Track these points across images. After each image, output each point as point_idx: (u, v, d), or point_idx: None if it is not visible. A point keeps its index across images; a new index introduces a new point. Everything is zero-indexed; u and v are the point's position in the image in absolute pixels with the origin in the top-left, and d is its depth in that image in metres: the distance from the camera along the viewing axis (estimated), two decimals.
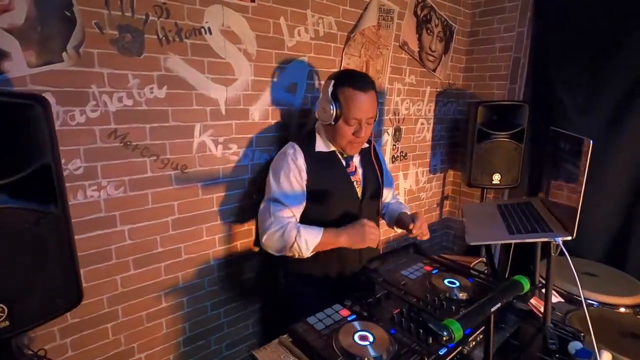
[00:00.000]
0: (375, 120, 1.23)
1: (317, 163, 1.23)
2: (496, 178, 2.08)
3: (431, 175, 2.46)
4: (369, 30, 1.77)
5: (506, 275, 1.69)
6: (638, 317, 1.54)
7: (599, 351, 0.97)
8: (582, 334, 1.15)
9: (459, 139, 2.51)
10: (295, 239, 1.13)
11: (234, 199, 1.47)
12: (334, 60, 1.68)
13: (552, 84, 2.00)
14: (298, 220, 1.21)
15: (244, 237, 1.54)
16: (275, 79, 1.48)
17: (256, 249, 1.59)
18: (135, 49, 1.14)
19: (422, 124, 2.27)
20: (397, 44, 1.95)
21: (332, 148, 1.27)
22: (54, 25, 1.00)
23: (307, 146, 1.25)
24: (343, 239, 1.16)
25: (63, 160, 1.06)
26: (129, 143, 1.18)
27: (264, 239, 1.19)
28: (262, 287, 1.63)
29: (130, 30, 1.12)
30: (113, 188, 1.18)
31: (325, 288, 1.24)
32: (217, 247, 1.47)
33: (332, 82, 1.17)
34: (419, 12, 2.01)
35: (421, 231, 1.25)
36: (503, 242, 1.08)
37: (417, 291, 1.21)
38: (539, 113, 2.04)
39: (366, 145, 1.35)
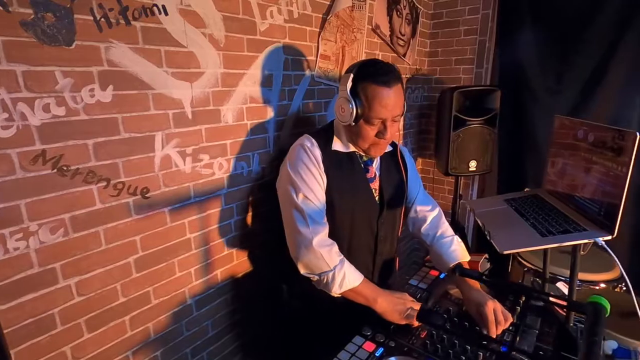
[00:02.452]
0: (402, 117, 1.07)
1: (332, 162, 1.06)
2: (472, 165, 2.05)
3: None
4: (343, 12, 1.57)
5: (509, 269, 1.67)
6: (616, 290, 1.60)
7: (634, 350, 0.93)
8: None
9: (427, 126, 2.44)
10: (334, 269, 0.98)
11: (210, 220, 1.20)
12: (310, 47, 1.45)
13: (520, 67, 1.99)
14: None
15: (225, 263, 1.28)
16: (248, 71, 1.22)
17: (238, 275, 1.34)
18: (62, 36, 0.80)
19: None
20: (370, 27, 1.77)
21: (352, 149, 1.10)
22: None
23: (323, 142, 1.07)
24: (380, 301, 1.00)
25: None
26: (65, 168, 0.85)
27: (300, 252, 1.01)
28: (252, 316, 1.39)
29: (51, 8, 0.78)
30: (47, 232, 0.85)
31: (335, 310, 1.07)
32: (193, 282, 1.19)
33: (351, 75, 0.98)
34: None
35: (500, 329, 0.97)
36: (538, 248, 0.99)
37: (442, 310, 1.08)
38: (507, 96, 2.03)
39: (390, 148, 1.18)
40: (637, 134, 0.81)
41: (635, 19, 1.67)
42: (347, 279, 0.99)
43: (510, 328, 1.03)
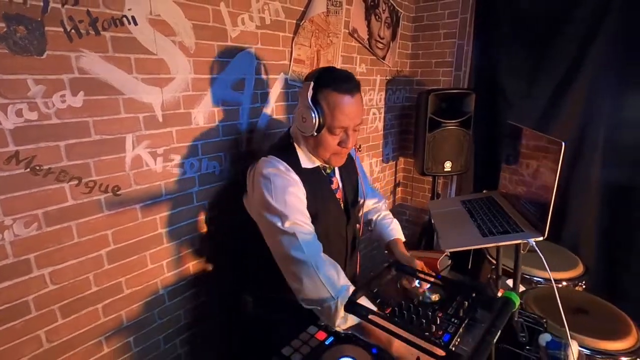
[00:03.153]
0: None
1: (306, 181, 1.04)
2: (447, 165, 2.12)
3: (384, 165, 2.44)
4: (318, 17, 1.63)
5: (469, 266, 1.74)
6: (576, 288, 1.68)
7: (565, 342, 1.00)
8: (544, 320, 1.20)
9: (407, 127, 2.51)
10: (337, 297, 0.90)
11: (181, 217, 1.27)
12: (283, 51, 1.51)
13: (494, 71, 2.05)
14: None
15: (196, 257, 1.36)
16: (219, 76, 1.29)
17: (209, 269, 1.42)
18: (33, 47, 0.87)
19: (374, 113, 2.21)
20: (347, 31, 1.83)
21: (317, 163, 1.10)
22: None
23: (293, 162, 1.05)
24: (397, 343, 0.90)
25: None
26: (38, 167, 0.93)
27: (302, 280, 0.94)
28: (222, 310, 1.48)
29: (23, 22, 0.85)
30: (22, 226, 0.92)
31: (303, 314, 1.08)
32: (165, 273, 1.27)
33: (311, 84, 0.98)
34: None
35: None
36: (478, 247, 1.06)
37: (391, 298, 1.16)
38: (482, 99, 2.10)
39: None
40: (563, 143, 0.88)
41: (604, 25, 1.73)
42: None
43: (455, 321, 1.11)
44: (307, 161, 1.09)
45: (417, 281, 1.18)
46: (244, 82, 1.38)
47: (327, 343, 1.01)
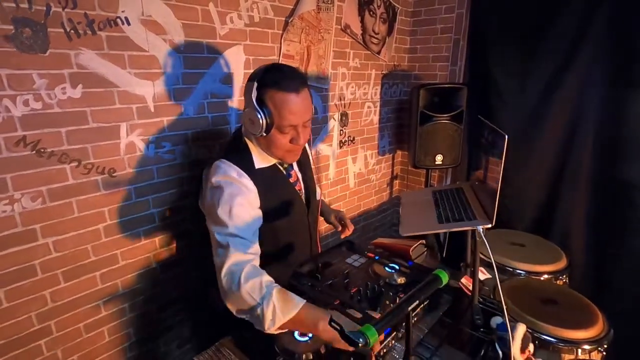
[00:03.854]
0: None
1: (261, 182, 1.04)
2: (439, 159, 2.16)
3: (380, 157, 2.51)
4: (308, 14, 1.71)
5: (444, 254, 1.80)
6: (557, 282, 1.71)
7: (515, 324, 1.07)
8: (506, 307, 1.26)
9: (405, 120, 2.56)
10: (262, 302, 0.87)
11: (172, 198, 1.41)
12: (272, 48, 1.61)
13: (487, 66, 2.07)
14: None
15: (186, 237, 1.50)
16: (208, 70, 1.40)
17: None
18: (38, 46, 1.02)
19: (368, 107, 2.28)
20: (339, 27, 1.91)
21: (273, 161, 1.10)
22: None
23: (245, 165, 1.03)
24: (322, 326, 0.84)
25: None
26: (42, 150, 1.08)
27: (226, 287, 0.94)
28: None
29: (29, 24, 0.99)
30: (29, 200, 1.08)
31: None
32: (158, 249, 1.42)
33: (255, 84, 0.95)
34: None
35: (350, 232, 1.27)
36: (432, 232, 1.13)
37: (358, 279, 1.26)
38: (477, 95, 2.12)
39: None
40: (506, 136, 0.94)
41: (595, 19, 1.72)
42: (278, 310, 0.86)
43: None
44: (261, 161, 1.08)
45: (387, 266, 1.27)
46: (232, 77, 1.49)
47: None
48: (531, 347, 1.08)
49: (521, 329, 1.09)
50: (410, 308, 0.74)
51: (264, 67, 0.99)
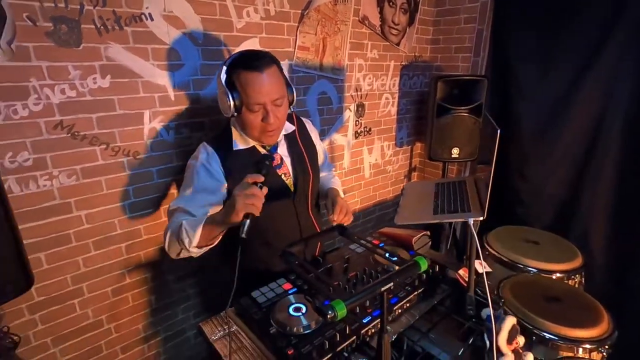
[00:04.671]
0: (286, 100, 1.12)
1: (236, 164, 1.12)
2: (455, 152, 2.15)
3: (397, 149, 2.52)
4: (324, 6, 1.76)
5: (448, 246, 1.82)
6: (569, 281, 1.67)
7: (503, 315, 1.09)
8: (503, 300, 1.28)
9: (424, 112, 2.54)
10: (181, 228, 1.00)
11: None
12: (288, 40, 1.68)
13: (509, 59, 2.01)
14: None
15: None
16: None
17: None
18: (73, 40, 1.15)
19: (386, 98, 2.30)
20: (357, 18, 1.93)
21: (252, 143, 1.16)
22: None
23: (224, 146, 1.13)
24: (221, 217, 0.97)
25: (10, 154, 1.12)
26: (76, 133, 1.22)
27: (165, 245, 1.10)
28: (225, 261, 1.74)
29: (65, 22, 1.12)
30: (65, 177, 1.24)
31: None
32: None
33: (224, 67, 1.03)
34: None
35: (342, 219, 1.20)
36: (426, 222, 1.17)
37: (358, 265, 1.32)
38: (497, 87, 2.07)
39: (292, 128, 1.25)
40: (499, 130, 0.95)
41: (626, 10, 1.63)
42: (188, 229, 0.99)
43: (408, 289, 1.24)
44: (240, 143, 1.15)
45: (387, 254, 1.33)
46: None
47: (289, 292, 1.22)
48: (521, 340, 1.10)
49: (509, 321, 1.11)
50: (384, 289, 0.80)
51: (236, 53, 1.07)
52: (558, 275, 1.66)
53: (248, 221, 0.89)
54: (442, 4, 2.32)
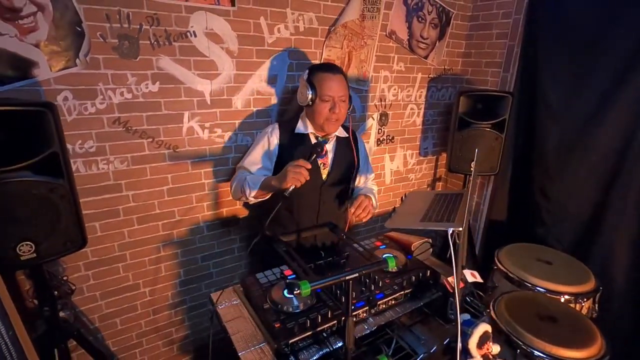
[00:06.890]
0: (348, 102, 1.47)
1: (291, 143, 1.50)
2: (473, 165, 2.18)
3: (421, 158, 2.59)
4: (352, 22, 1.90)
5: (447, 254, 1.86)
6: (577, 305, 1.65)
7: (477, 322, 1.17)
8: (488, 310, 1.35)
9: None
10: (245, 181, 1.45)
11: (219, 174, 1.77)
12: (315, 53, 1.85)
13: (538, 76, 2.01)
14: None
15: (229, 205, 1.86)
16: (256, 72, 1.71)
17: (240, 216, 1.91)
18: (132, 53, 1.42)
19: (411, 109, 2.38)
20: (384, 33, 2.05)
21: (310, 130, 1.52)
22: (68, 38, 1.30)
23: (288, 128, 1.53)
24: (274, 182, 1.33)
25: (80, 141, 1.42)
26: (129, 128, 1.50)
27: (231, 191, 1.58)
28: (246, 246, 1.97)
29: (127, 38, 1.40)
30: (119, 162, 1.52)
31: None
32: (205, 212, 1.80)
33: (307, 71, 1.46)
34: (409, 1, 2.07)
35: (358, 213, 1.45)
36: (411, 227, 1.27)
37: (356, 262, 1.46)
38: (524, 103, 2.07)
39: (345, 135, 1.58)
40: (477, 150, 1.04)
41: None
42: (251, 183, 1.41)
43: (395, 287, 1.35)
44: (302, 129, 1.52)
45: (385, 254, 1.45)
46: (276, 78, 1.77)
47: (289, 278, 1.39)
48: (495, 348, 1.18)
49: (482, 327, 1.19)
50: (348, 278, 0.94)
51: (315, 63, 1.64)
52: (566, 297, 1.65)
53: (291, 188, 1.27)
54: (475, 18, 2.35)
